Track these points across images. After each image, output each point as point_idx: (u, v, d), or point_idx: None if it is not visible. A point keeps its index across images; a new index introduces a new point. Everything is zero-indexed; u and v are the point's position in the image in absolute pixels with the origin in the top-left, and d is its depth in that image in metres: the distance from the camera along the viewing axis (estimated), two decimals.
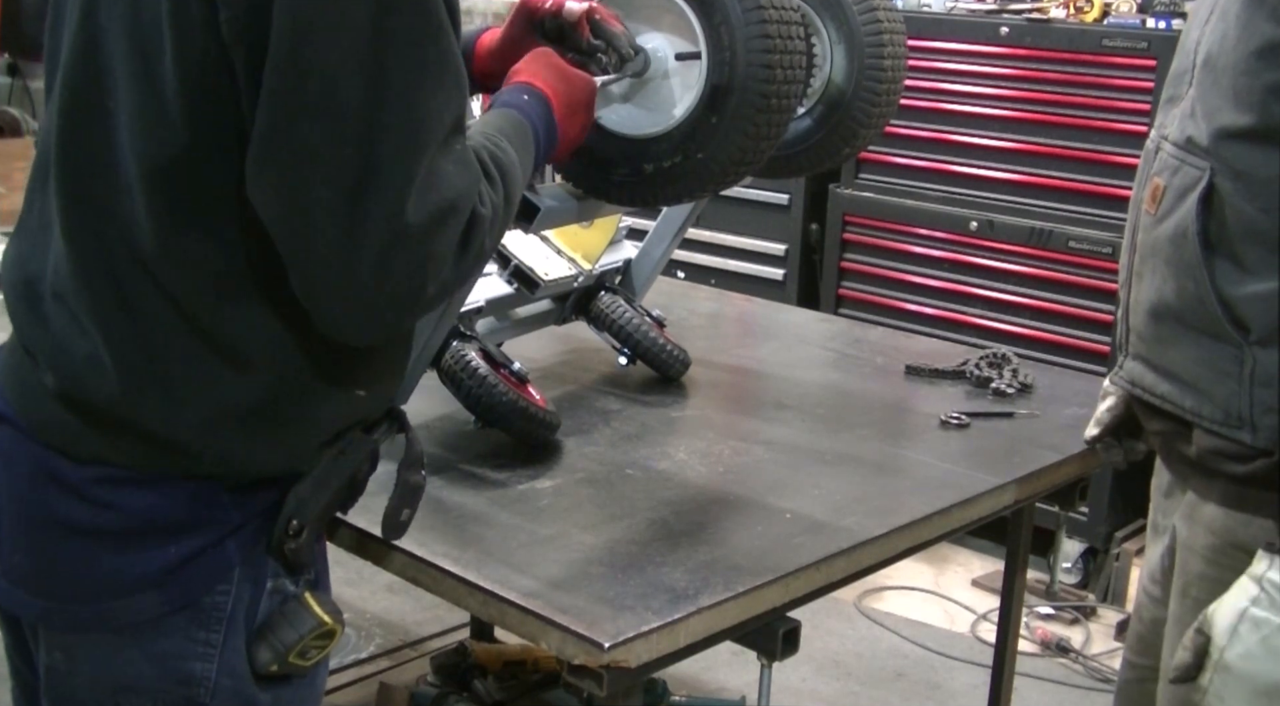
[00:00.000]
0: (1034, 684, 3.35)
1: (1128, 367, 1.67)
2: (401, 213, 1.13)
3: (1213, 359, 1.51)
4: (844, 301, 4.30)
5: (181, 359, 1.24)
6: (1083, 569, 3.87)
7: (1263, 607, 1.41)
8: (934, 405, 2.17)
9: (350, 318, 1.19)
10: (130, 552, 1.26)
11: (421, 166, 1.14)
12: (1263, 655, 1.41)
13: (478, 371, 1.82)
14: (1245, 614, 1.42)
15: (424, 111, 1.15)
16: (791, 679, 3.28)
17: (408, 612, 3.53)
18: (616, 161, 1.73)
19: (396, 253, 1.14)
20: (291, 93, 1.12)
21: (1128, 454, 1.79)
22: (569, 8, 1.62)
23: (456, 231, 1.19)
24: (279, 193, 1.15)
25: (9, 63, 5.12)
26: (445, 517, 1.64)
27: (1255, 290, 1.47)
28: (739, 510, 1.72)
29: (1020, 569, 2.32)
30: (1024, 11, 3.90)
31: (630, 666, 1.38)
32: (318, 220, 1.13)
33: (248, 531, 1.30)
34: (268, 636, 1.31)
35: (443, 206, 1.17)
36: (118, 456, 1.26)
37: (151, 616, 1.27)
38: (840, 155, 2.14)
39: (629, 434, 1.97)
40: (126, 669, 1.29)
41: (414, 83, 1.14)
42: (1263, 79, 1.44)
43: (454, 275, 1.21)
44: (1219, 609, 1.45)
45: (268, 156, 1.14)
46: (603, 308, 2.19)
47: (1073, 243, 3.73)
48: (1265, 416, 1.48)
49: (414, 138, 1.14)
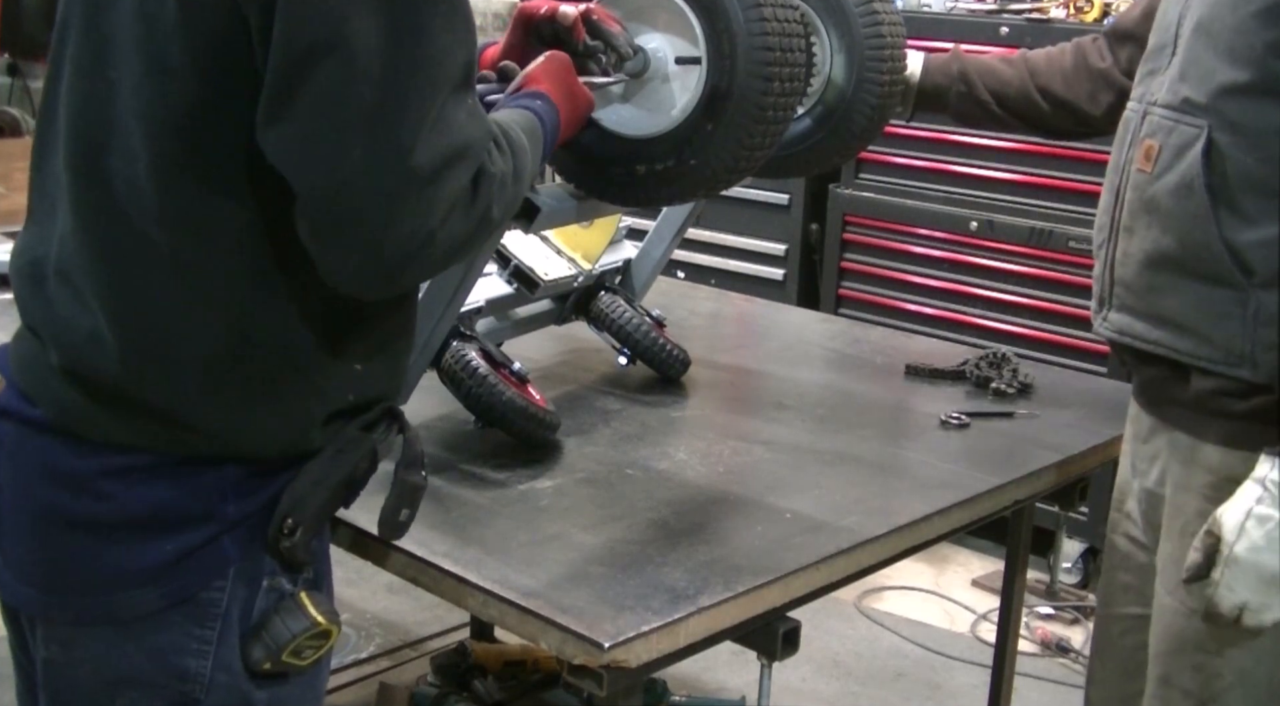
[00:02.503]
0: (1034, 684, 3.35)
1: (1113, 319, 1.76)
2: (411, 152, 1.14)
3: (1214, 302, 1.62)
4: (844, 301, 4.30)
5: (181, 329, 1.25)
6: (1083, 569, 3.87)
7: (1266, 505, 1.55)
8: (934, 405, 2.17)
9: (357, 264, 1.19)
10: (130, 546, 1.27)
11: (433, 108, 1.16)
12: (1266, 547, 1.55)
13: (478, 371, 1.81)
14: (1251, 512, 1.56)
15: (435, 51, 1.16)
16: (791, 679, 3.28)
17: (408, 612, 3.53)
18: (612, 160, 1.73)
19: (406, 192, 1.15)
20: (302, 34, 1.13)
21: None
22: (563, 11, 1.62)
23: (465, 178, 1.19)
24: (292, 135, 1.16)
25: (9, 63, 5.12)
26: (445, 517, 1.64)
27: (1258, 236, 1.58)
28: (739, 510, 1.72)
29: (1020, 569, 2.32)
30: (1024, 11, 3.90)
31: (630, 666, 1.38)
32: (330, 159, 1.14)
33: (245, 528, 1.30)
34: (261, 634, 1.32)
35: (453, 150, 1.18)
36: (121, 435, 1.26)
37: (149, 611, 1.28)
38: (840, 156, 2.14)
39: (629, 434, 1.97)
40: (123, 662, 1.30)
41: (425, 24, 1.16)
42: (1261, 37, 1.55)
43: (462, 228, 1.21)
44: (1226, 510, 1.58)
45: (280, 98, 1.15)
46: (602, 307, 2.19)
47: (1073, 243, 3.73)
48: (1267, 353, 1.58)
49: (426, 78, 1.16)
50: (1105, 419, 2.14)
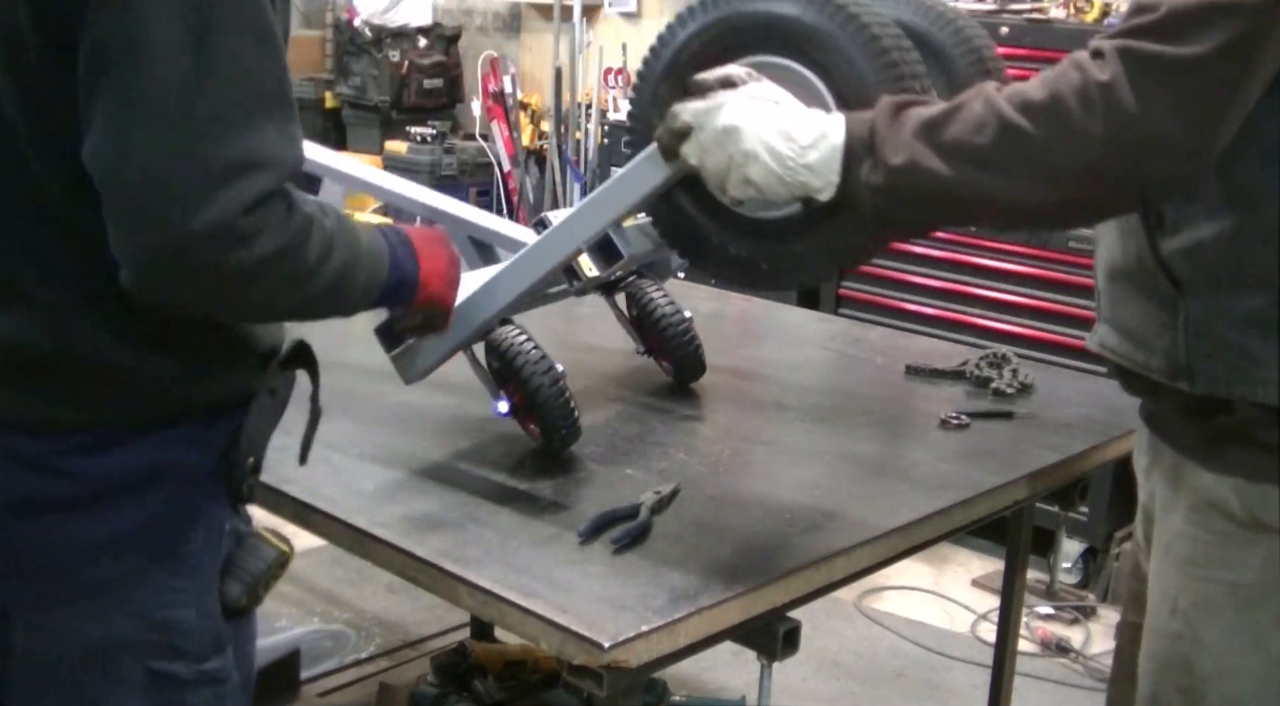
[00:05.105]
0: (1034, 684, 3.35)
1: (1099, 331, 1.71)
2: (207, 148, 1.16)
3: (1155, 313, 1.56)
4: (844, 301, 4.30)
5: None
6: (1083, 569, 3.87)
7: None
8: (934, 405, 2.17)
9: (157, 267, 1.19)
10: (107, 515, 1.30)
11: (233, 114, 1.17)
12: None
13: (532, 354, 1.80)
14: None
15: (244, 65, 1.19)
16: (791, 679, 3.28)
17: (408, 612, 3.53)
18: (719, 233, 1.61)
19: (202, 185, 1.16)
20: (102, 37, 1.16)
21: None
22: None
23: (263, 185, 1.19)
24: (97, 135, 1.17)
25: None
26: (445, 517, 1.64)
27: (1179, 245, 1.51)
28: (739, 510, 1.72)
29: (1020, 569, 2.32)
30: (1024, 11, 3.90)
31: (630, 666, 1.38)
32: (126, 153, 1.16)
33: (206, 477, 1.36)
34: (235, 572, 1.40)
35: (251, 155, 1.18)
36: (69, 417, 1.29)
37: (133, 572, 1.32)
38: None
39: (629, 434, 1.97)
40: (109, 629, 1.33)
41: (233, 39, 1.18)
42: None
43: (270, 248, 1.20)
44: None
45: (90, 104, 1.17)
46: (636, 291, 2.15)
47: (1073, 243, 3.73)
48: (1200, 364, 1.52)
49: (226, 83, 1.17)
50: (1105, 419, 2.14)
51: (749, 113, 1.45)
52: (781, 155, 1.42)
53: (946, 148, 1.37)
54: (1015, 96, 1.37)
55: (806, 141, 1.42)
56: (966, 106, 1.38)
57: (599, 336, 2.18)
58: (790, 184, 1.44)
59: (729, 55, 1.53)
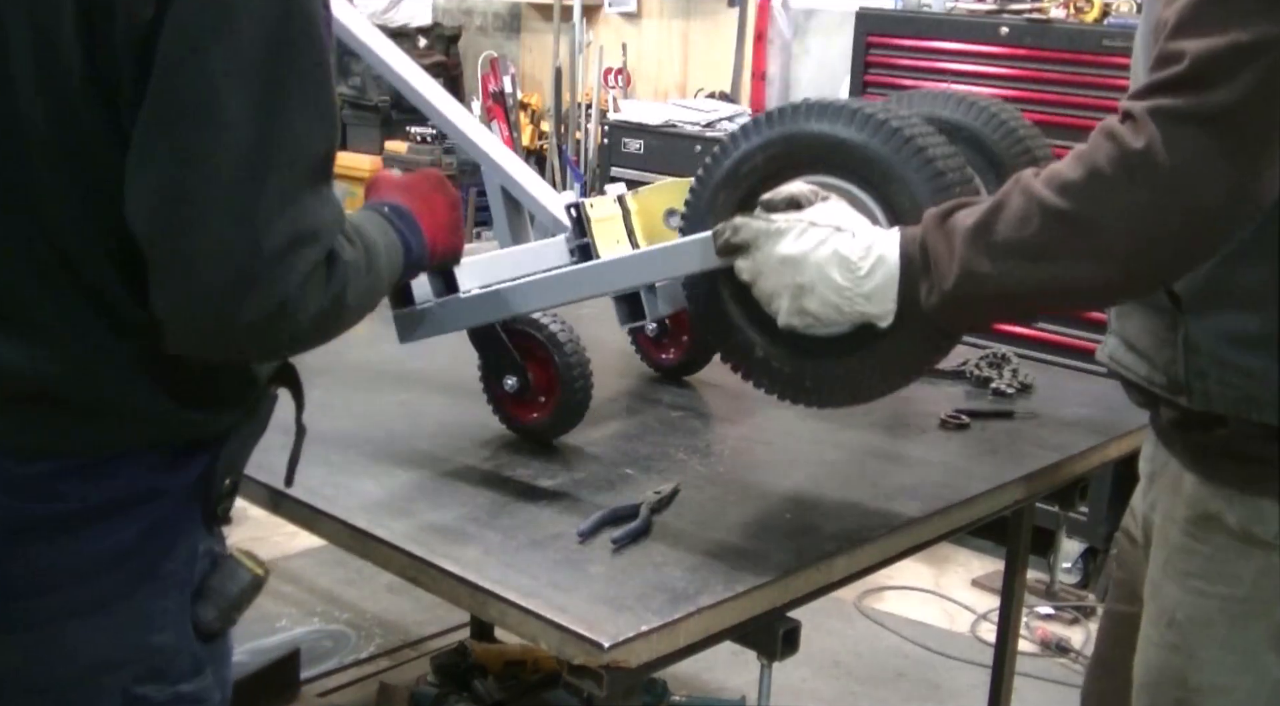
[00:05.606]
0: (1034, 684, 3.35)
1: (1108, 343, 1.70)
2: (264, 231, 1.16)
3: (1157, 328, 1.55)
4: None
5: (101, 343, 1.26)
6: (1083, 569, 3.87)
7: None
8: (934, 405, 2.17)
9: (205, 338, 1.21)
10: (95, 536, 1.29)
11: (290, 189, 1.18)
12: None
13: (568, 340, 1.82)
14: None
15: (301, 136, 1.19)
16: (791, 679, 3.28)
17: (408, 612, 3.53)
18: (766, 347, 1.60)
19: (255, 270, 1.16)
20: (175, 97, 1.15)
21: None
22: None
23: (313, 258, 1.20)
24: (153, 188, 1.17)
25: None
26: (445, 517, 1.64)
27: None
28: (739, 509, 1.72)
29: (1020, 569, 2.32)
30: (1024, 11, 3.90)
31: (630, 666, 1.38)
32: (185, 222, 1.16)
33: (186, 498, 1.34)
34: (210, 595, 1.38)
35: (303, 233, 1.19)
36: (57, 444, 1.27)
37: (119, 593, 1.31)
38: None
39: (629, 434, 1.97)
40: (93, 651, 1.32)
41: (296, 107, 1.18)
42: (1153, 53, 1.43)
43: (318, 306, 1.22)
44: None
45: (145, 158, 1.16)
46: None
47: None
48: (1197, 381, 1.51)
49: (287, 158, 1.17)
50: (1105, 419, 2.14)
51: (809, 242, 1.44)
52: (840, 286, 1.43)
53: (998, 249, 1.35)
54: (1053, 179, 1.34)
55: (864, 269, 1.42)
56: (1007, 202, 1.36)
57: (599, 336, 2.18)
58: (849, 313, 1.44)
59: (790, 172, 1.53)
